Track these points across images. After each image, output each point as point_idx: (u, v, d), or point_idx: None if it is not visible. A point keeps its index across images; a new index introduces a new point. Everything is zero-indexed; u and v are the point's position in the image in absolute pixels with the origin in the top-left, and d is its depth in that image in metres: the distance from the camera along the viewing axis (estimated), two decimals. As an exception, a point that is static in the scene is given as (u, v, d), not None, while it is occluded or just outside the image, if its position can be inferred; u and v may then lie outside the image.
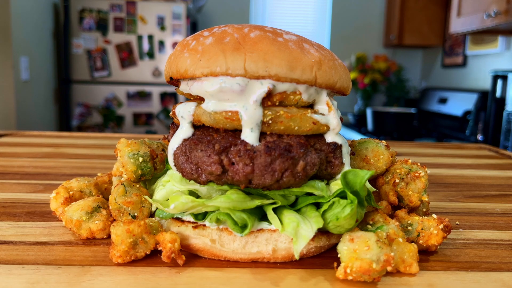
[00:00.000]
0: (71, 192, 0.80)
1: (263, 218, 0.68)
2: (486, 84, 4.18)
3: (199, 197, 0.69)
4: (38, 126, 4.18)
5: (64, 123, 4.68)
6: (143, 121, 4.62)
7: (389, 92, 5.58)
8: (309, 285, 0.60)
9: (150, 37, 4.47)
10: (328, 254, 0.70)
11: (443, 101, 4.70)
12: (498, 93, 3.52)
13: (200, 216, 0.68)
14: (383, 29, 5.73)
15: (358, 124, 5.09)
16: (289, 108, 0.65)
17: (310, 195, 0.68)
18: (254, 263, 0.66)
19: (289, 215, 0.65)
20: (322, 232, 0.68)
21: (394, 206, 0.79)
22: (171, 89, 4.56)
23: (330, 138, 0.69)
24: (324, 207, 0.65)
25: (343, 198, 0.64)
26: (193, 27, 4.96)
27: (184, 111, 0.69)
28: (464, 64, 4.79)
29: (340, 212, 0.63)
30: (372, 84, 5.43)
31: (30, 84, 4.00)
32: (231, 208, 0.64)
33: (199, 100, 0.69)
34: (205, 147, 0.64)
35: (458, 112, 4.27)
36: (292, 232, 0.62)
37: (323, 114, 0.68)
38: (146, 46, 4.47)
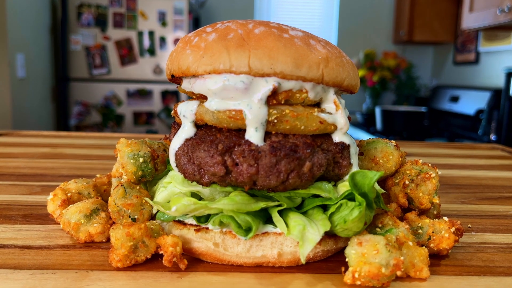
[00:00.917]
0: (69, 194, 0.79)
1: (268, 221, 0.67)
2: (499, 82, 4.10)
3: (202, 199, 0.68)
4: (35, 126, 4.16)
5: (62, 123, 4.66)
6: (144, 120, 4.60)
7: (399, 90, 5.54)
8: (317, 291, 0.60)
9: (151, 33, 4.45)
10: (336, 258, 0.70)
11: (455, 100, 4.64)
12: (512, 91, 3.49)
13: (203, 219, 0.68)
14: (393, 25, 5.67)
15: (367, 124, 5.05)
16: (295, 107, 0.65)
17: (317, 197, 0.67)
18: (259, 268, 0.66)
19: (295, 218, 0.64)
20: (329, 236, 0.68)
21: (404, 209, 0.78)
22: (173, 87, 4.54)
23: (338, 138, 0.68)
24: (332, 210, 0.65)
25: (351, 200, 0.64)
26: (196, 23, 4.94)
27: (186, 110, 0.68)
28: (477, 61, 4.72)
29: (348, 215, 0.63)
30: (381, 82, 5.38)
31: (27, 82, 3.97)
32: (235, 211, 0.63)
33: (202, 99, 0.69)
34: (208, 147, 0.64)
35: (470, 111, 4.22)
36: (298, 236, 0.61)
37: (330, 113, 0.68)
38: (147, 43, 4.45)
